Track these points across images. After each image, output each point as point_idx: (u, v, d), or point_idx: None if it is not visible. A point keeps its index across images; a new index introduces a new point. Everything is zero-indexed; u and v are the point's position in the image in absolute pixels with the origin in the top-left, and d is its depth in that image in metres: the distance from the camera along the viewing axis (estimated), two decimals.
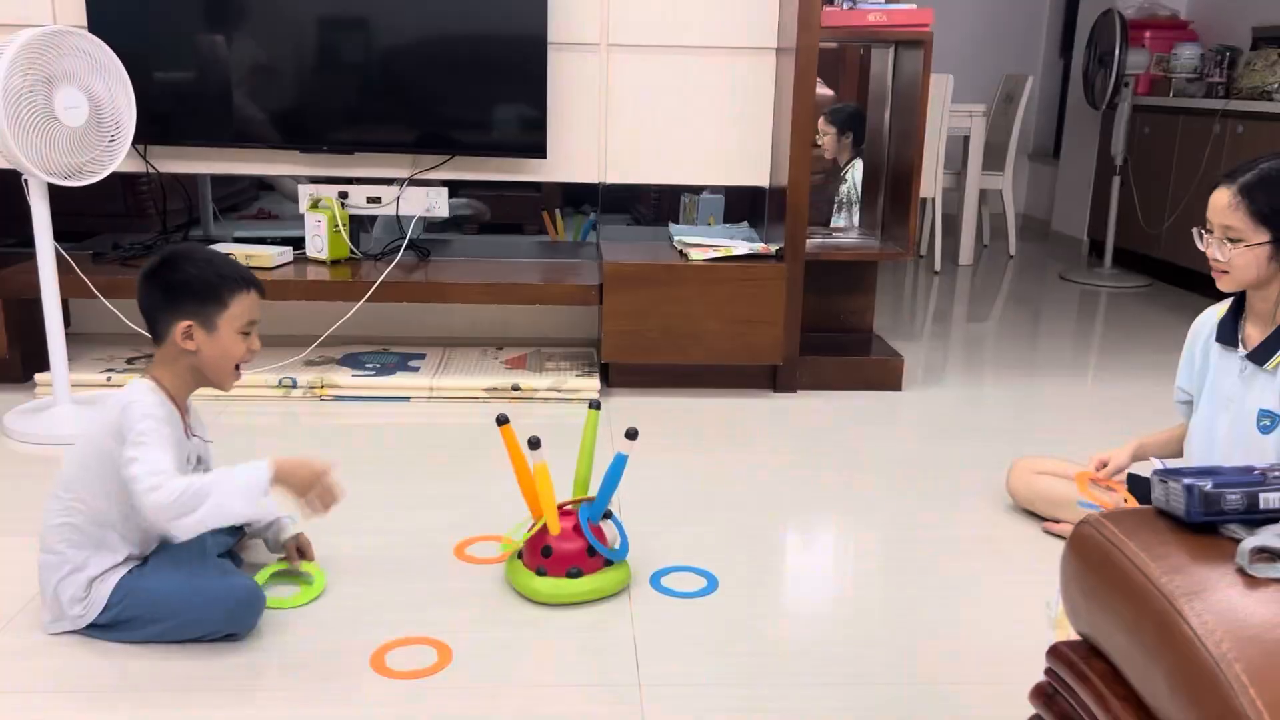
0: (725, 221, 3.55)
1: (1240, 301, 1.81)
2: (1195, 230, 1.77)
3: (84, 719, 1.45)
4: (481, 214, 3.81)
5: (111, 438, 1.56)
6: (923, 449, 2.65)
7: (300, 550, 1.84)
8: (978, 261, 5.23)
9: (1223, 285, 1.76)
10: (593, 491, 1.87)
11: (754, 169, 3.13)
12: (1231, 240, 1.69)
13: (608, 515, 1.84)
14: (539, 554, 1.77)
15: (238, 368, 1.69)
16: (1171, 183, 4.66)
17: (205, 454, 1.77)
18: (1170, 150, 4.69)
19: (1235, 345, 1.80)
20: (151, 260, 1.67)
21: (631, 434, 1.79)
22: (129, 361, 2.97)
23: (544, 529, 1.78)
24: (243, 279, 1.67)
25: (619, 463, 1.82)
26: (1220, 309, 1.86)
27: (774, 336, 2.90)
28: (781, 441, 2.68)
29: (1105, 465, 2.01)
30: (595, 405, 1.87)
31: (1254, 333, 1.78)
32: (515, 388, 2.86)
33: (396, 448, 2.53)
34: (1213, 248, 1.72)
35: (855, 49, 3.94)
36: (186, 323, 1.62)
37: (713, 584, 1.86)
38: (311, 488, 1.59)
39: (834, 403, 2.95)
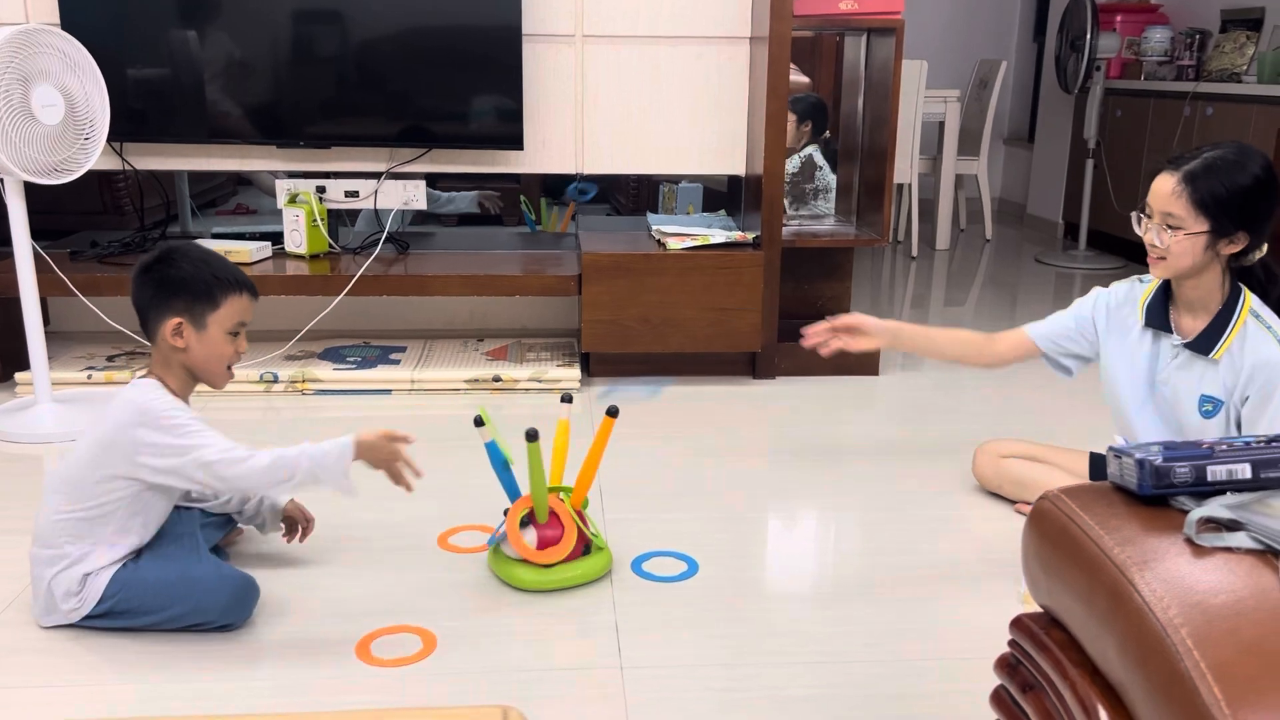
0: (705, 210, 3.58)
1: (1166, 286, 1.84)
2: (1134, 214, 1.80)
3: (76, 709, 1.47)
4: (491, 206, 3.82)
5: (130, 432, 1.58)
6: (900, 433, 2.69)
7: (297, 515, 1.88)
8: (954, 246, 5.28)
9: (1157, 271, 1.78)
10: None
11: (730, 157, 3.16)
12: (1171, 227, 1.71)
13: (529, 524, 1.82)
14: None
15: (229, 367, 1.72)
16: (1144, 165, 4.72)
17: None
18: (1142, 133, 4.75)
19: (1167, 330, 1.83)
20: (148, 255, 1.68)
21: (531, 435, 1.73)
22: (109, 359, 2.97)
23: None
24: (237, 281, 1.69)
25: (490, 452, 1.82)
26: (1143, 292, 1.88)
27: (752, 324, 2.93)
28: (760, 427, 2.72)
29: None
30: (532, 436, 1.73)
31: (1187, 320, 1.81)
32: (496, 379, 2.89)
33: None
34: (1151, 233, 1.74)
35: (830, 36, 3.97)
36: (176, 320, 1.64)
37: (693, 568, 1.90)
38: (391, 462, 1.65)
39: (812, 388, 2.99)
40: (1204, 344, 1.77)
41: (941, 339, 2.15)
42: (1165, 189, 1.71)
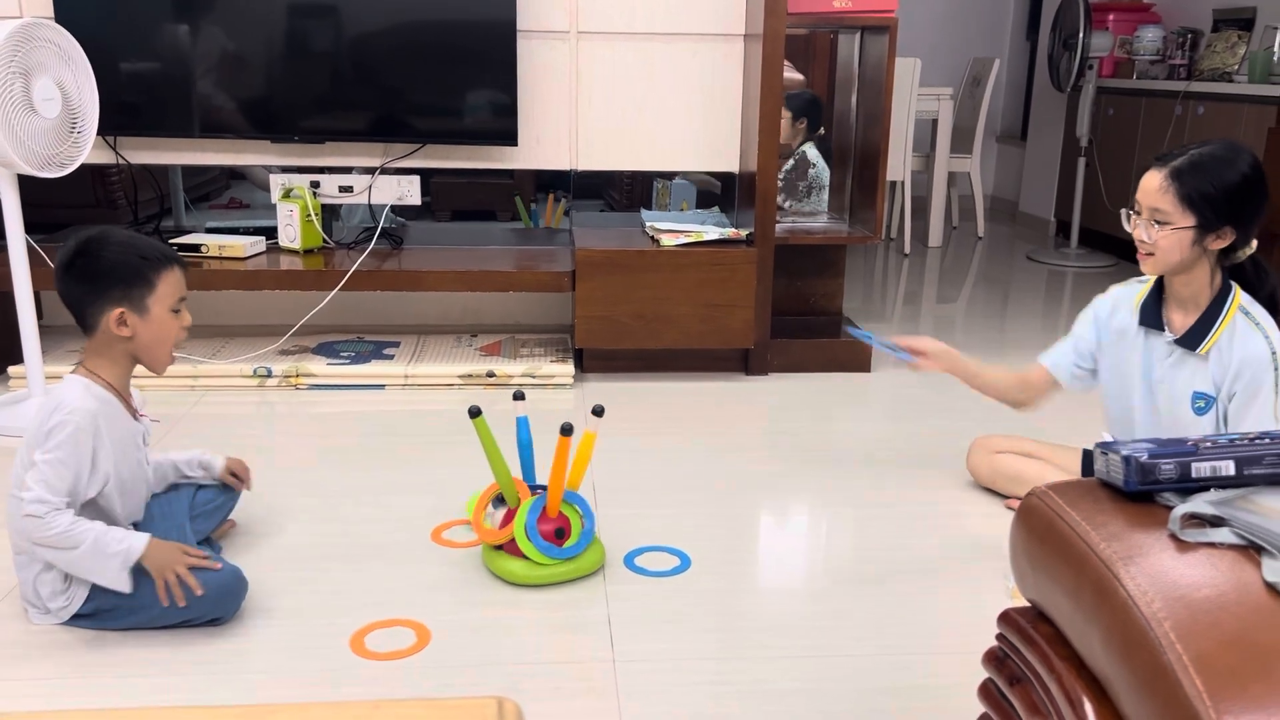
0: (698, 206, 3.59)
1: (1159, 285, 1.86)
2: (1123, 211, 1.82)
3: (70, 703, 1.47)
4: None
5: (34, 439, 1.56)
6: (891, 429, 2.70)
7: (235, 474, 1.89)
8: (947, 243, 5.29)
9: (1146, 268, 1.80)
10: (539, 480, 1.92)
11: (724, 154, 3.17)
12: (1159, 223, 1.73)
13: (502, 504, 1.88)
14: (554, 536, 1.81)
15: (172, 348, 1.68)
16: (1135, 163, 4.74)
17: (149, 433, 1.78)
18: (1134, 131, 4.77)
19: (1160, 329, 1.85)
20: (66, 249, 1.61)
21: (519, 395, 1.87)
22: None
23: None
24: (165, 257, 1.64)
25: (520, 428, 1.87)
26: (1138, 292, 1.90)
27: (745, 320, 2.94)
28: (753, 423, 2.73)
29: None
30: (476, 412, 1.81)
31: (1178, 317, 1.83)
32: (490, 374, 2.89)
33: (372, 435, 2.55)
34: (1139, 229, 1.76)
35: (824, 34, 3.98)
36: (118, 310, 1.60)
37: (685, 563, 1.91)
38: (172, 566, 1.57)
39: (804, 384, 3.00)
40: (1192, 339, 1.79)
41: (987, 377, 2.17)
42: (1152, 185, 1.73)
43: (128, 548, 1.56)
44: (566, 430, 1.78)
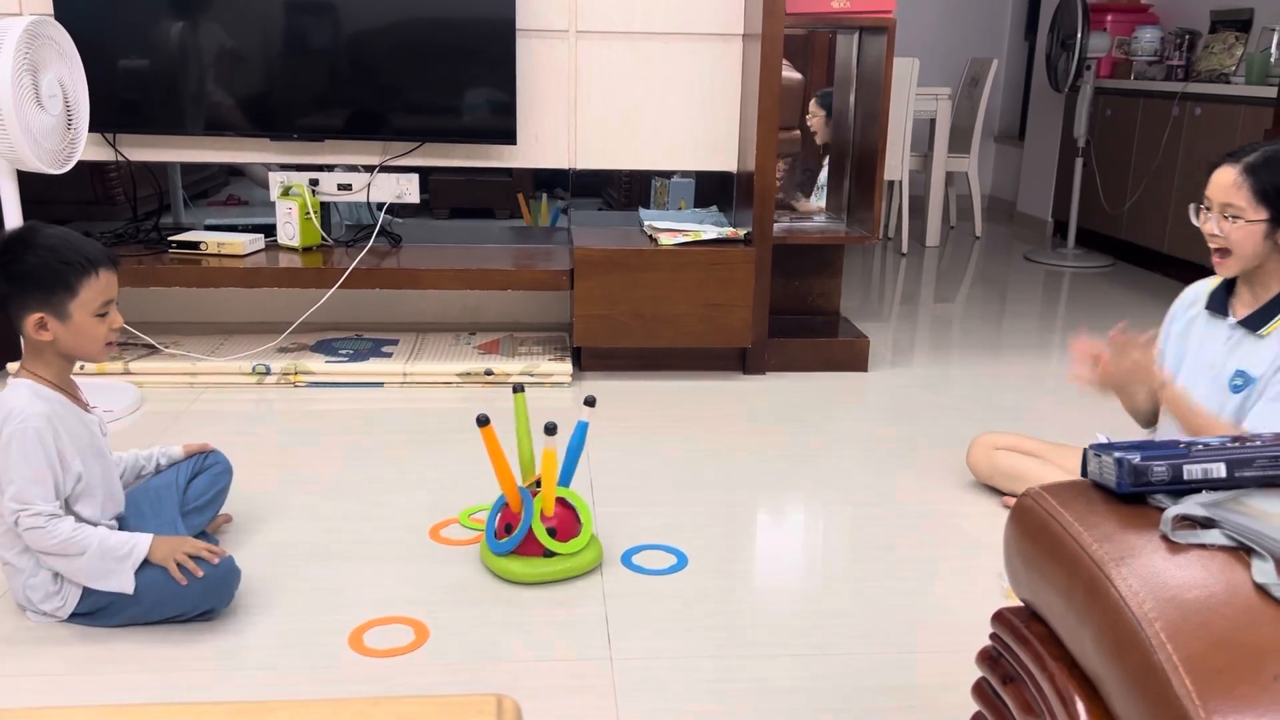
0: (697, 205, 3.60)
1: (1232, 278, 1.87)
2: (1192, 206, 1.84)
3: (67, 701, 1.48)
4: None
5: None
6: (888, 428, 2.71)
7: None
8: (944, 243, 5.30)
9: (1223, 270, 1.81)
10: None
11: (722, 154, 3.17)
12: (1231, 217, 1.75)
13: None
14: (506, 531, 1.82)
15: (108, 343, 1.65)
16: (1132, 164, 4.75)
17: (104, 421, 1.78)
18: (1131, 132, 4.78)
19: (1224, 314, 1.86)
20: None
21: (590, 401, 1.90)
22: None
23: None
24: (90, 261, 1.58)
25: (577, 432, 1.89)
26: (1211, 282, 1.91)
27: (743, 319, 2.95)
28: (750, 422, 2.74)
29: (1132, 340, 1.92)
30: (519, 389, 1.90)
31: (1247, 303, 1.83)
32: (488, 372, 2.90)
33: (370, 433, 2.56)
34: (1210, 223, 1.78)
35: (823, 34, 3.98)
36: (37, 315, 1.56)
37: (682, 561, 1.92)
38: (179, 551, 1.60)
39: (802, 383, 3.01)
40: (1256, 321, 1.79)
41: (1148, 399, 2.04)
42: (1226, 180, 1.75)
43: (133, 548, 1.59)
44: (482, 421, 1.80)
